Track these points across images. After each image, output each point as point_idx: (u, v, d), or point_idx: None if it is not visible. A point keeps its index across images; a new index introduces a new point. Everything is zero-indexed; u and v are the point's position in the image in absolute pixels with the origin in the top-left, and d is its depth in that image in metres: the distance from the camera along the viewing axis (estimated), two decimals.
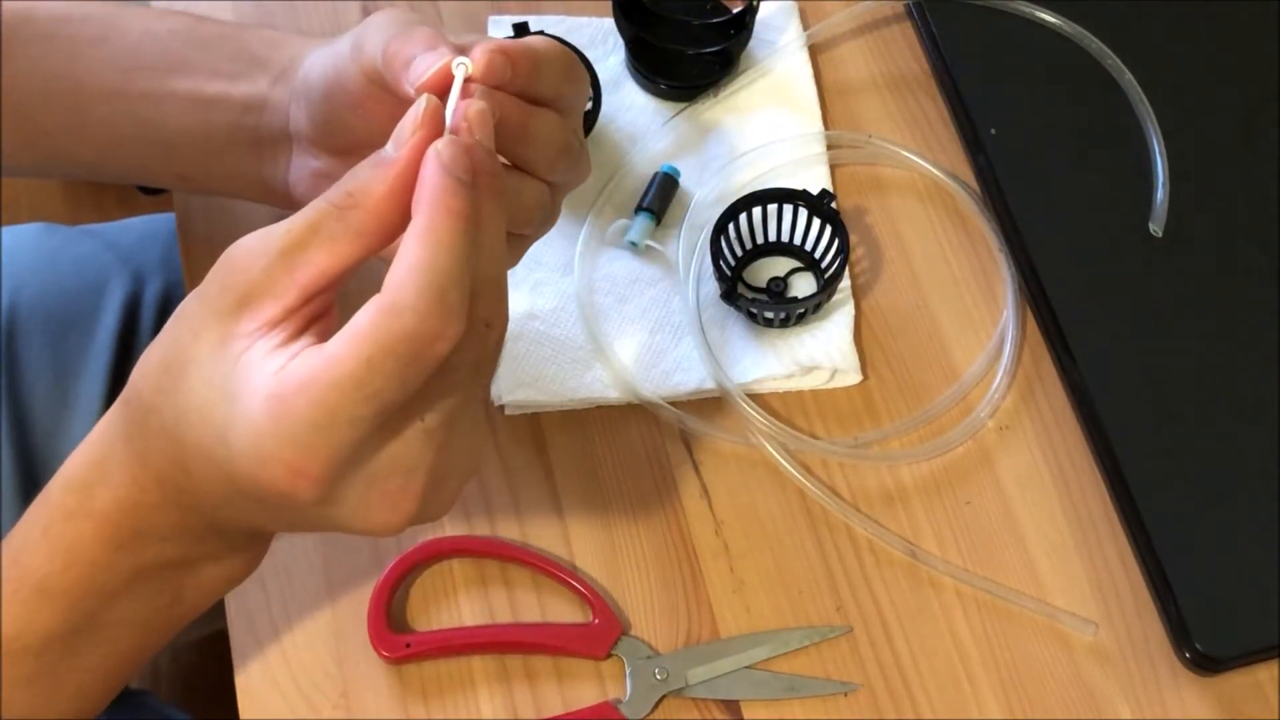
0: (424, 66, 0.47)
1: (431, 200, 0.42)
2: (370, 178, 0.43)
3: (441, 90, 0.46)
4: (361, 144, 0.55)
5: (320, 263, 0.43)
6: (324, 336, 0.43)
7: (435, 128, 0.44)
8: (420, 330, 0.41)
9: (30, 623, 0.47)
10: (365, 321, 0.41)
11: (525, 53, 0.48)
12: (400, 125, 0.44)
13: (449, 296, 0.41)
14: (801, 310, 0.65)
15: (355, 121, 0.55)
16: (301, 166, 0.58)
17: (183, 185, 0.67)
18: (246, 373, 0.42)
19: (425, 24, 0.51)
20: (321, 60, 0.55)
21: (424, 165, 0.42)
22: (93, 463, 0.47)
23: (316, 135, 0.57)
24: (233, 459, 0.42)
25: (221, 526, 0.47)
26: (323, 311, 0.44)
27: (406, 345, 0.41)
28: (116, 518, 0.46)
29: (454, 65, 0.46)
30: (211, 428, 0.43)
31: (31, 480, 0.73)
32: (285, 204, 0.61)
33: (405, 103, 0.47)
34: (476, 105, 0.45)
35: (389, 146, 0.44)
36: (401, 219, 0.43)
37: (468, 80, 0.46)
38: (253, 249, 0.43)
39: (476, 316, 0.43)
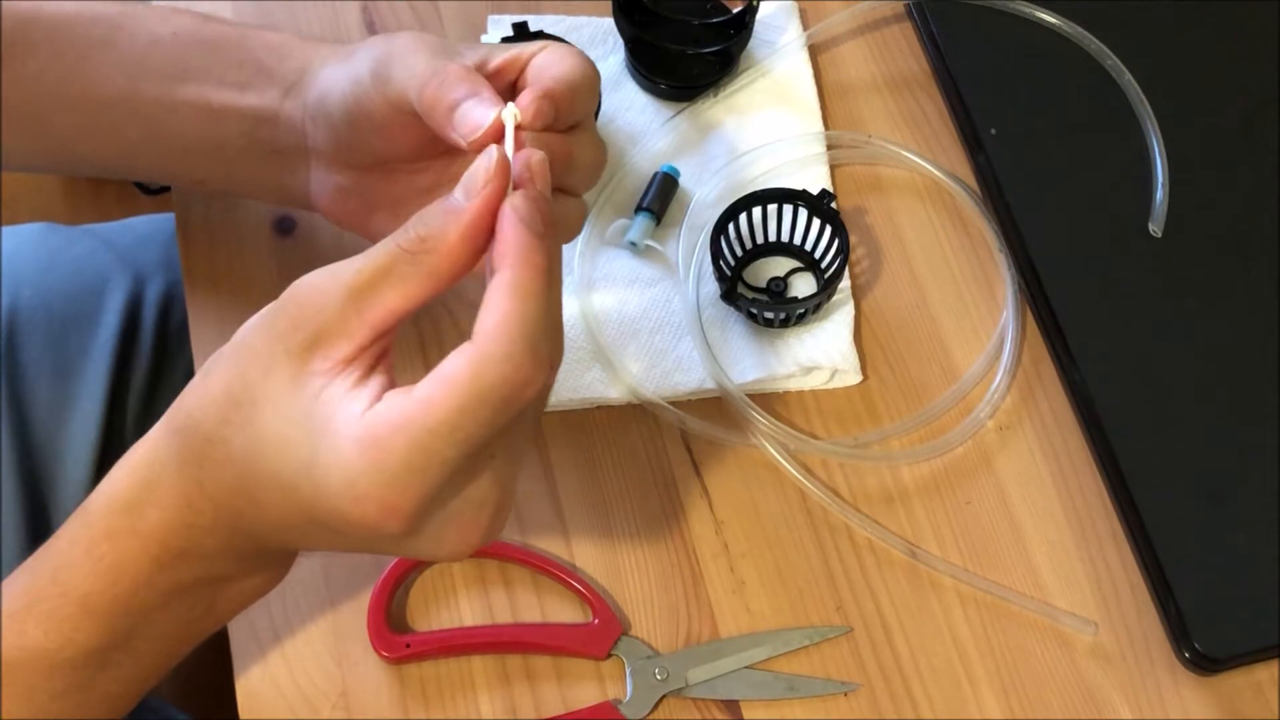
0: (474, 121, 0.49)
1: (517, 255, 0.44)
2: (443, 225, 0.45)
3: (494, 137, 0.49)
4: (385, 160, 0.57)
5: (391, 303, 0.45)
6: (390, 373, 0.45)
7: (505, 178, 0.45)
8: (514, 378, 0.43)
9: (71, 639, 0.48)
10: (461, 369, 0.43)
11: (566, 91, 0.51)
12: (471, 175, 0.45)
13: (539, 346, 0.43)
14: (801, 310, 0.65)
15: (380, 143, 0.56)
16: (323, 182, 0.59)
17: (200, 188, 0.68)
18: (329, 411, 0.44)
19: (450, 51, 0.52)
20: (339, 84, 0.56)
21: (503, 220, 0.45)
22: (140, 485, 0.47)
23: (338, 155, 0.58)
24: (319, 494, 0.44)
25: (268, 547, 0.49)
26: (387, 348, 0.46)
27: (500, 392, 0.43)
28: (164, 539, 0.47)
29: (504, 116, 0.48)
30: (291, 462, 0.44)
31: (32, 480, 0.73)
32: (305, 208, 0.61)
33: (433, 127, 0.50)
34: (537, 156, 0.47)
35: (459, 194, 0.45)
36: (470, 262, 0.45)
37: (517, 128, 0.49)
38: (322, 288, 0.45)
39: None
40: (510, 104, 0.49)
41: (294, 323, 0.45)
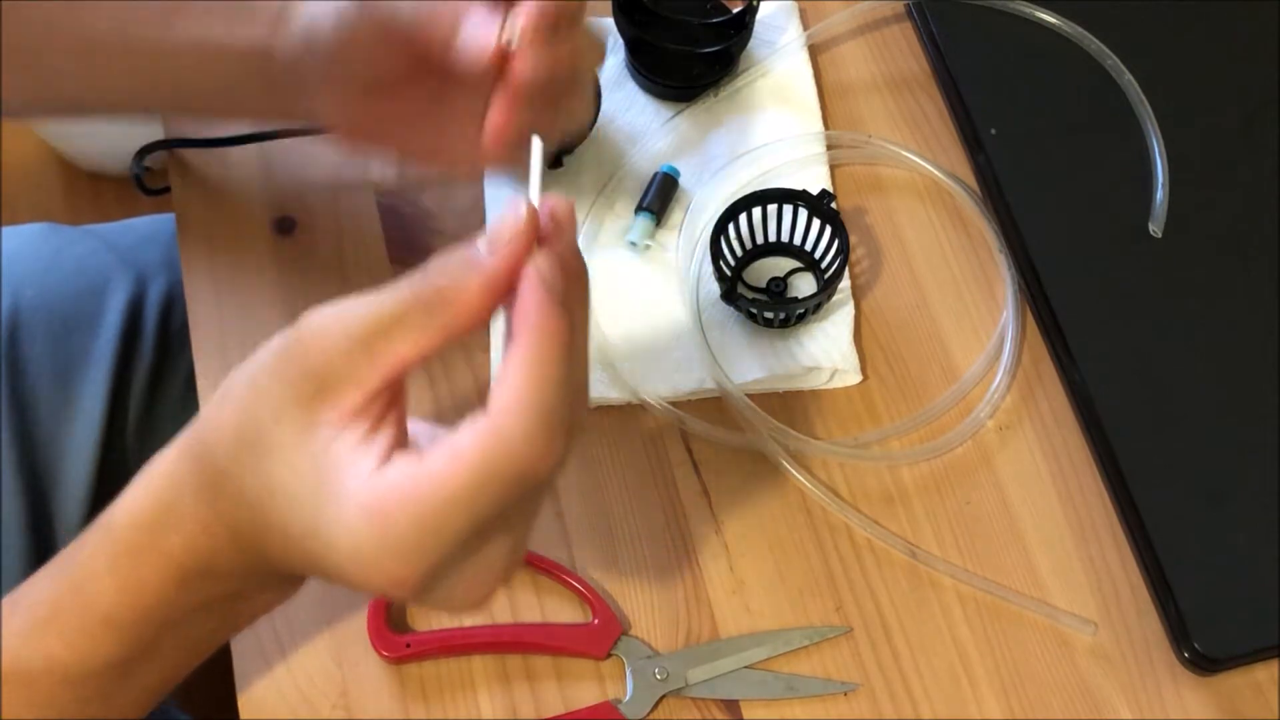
0: (477, 47, 0.48)
1: (536, 326, 0.42)
2: (463, 279, 0.43)
3: (499, 65, 0.47)
4: (383, 83, 0.55)
5: (403, 353, 0.43)
6: (400, 424, 0.44)
7: (532, 236, 0.44)
8: (529, 457, 0.42)
9: (94, 652, 0.48)
10: (473, 445, 0.41)
11: (560, 7, 0.49)
12: (497, 229, 0.44)
13: (554, 422, 0.42)
14: (801, 310, 0.65)
15: (373, 69, 0.55)
16: (328, 108, 0.58)
17: (215, 118, 0.67)
18: (335, 468, 0.43)
19: None
20: (325, 16, 0.54)
21: (525, 284, 0.43)
22: (161, 506, 0.47)
23: (335, 83, 0.56)
24: (325, 555, 0.43)
25: (282, 573, 0.48)
26: (396, 395, 0.45)
27: (514, 471, 0.42)
28: (184, 560, 0.47)
29: (534, 147, 0.46)
30: (300, 518, 0.44)
31: (34, 479, 0.73)
32: (319, 132, 0.60)
33: (434, 57, 0.49)
34: (564, 205, 0.45)
35: (482, 246, 0.44)
36: (487, 315, 0.44)
37: (514, 55, 0.47)
38: (331, 330, 0.43)
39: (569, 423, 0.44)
40: (536, 138, 0.47)
41: (302, 367, 0.43)
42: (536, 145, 0.47)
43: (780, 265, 0.69)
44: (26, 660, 0.48)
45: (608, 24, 0.73)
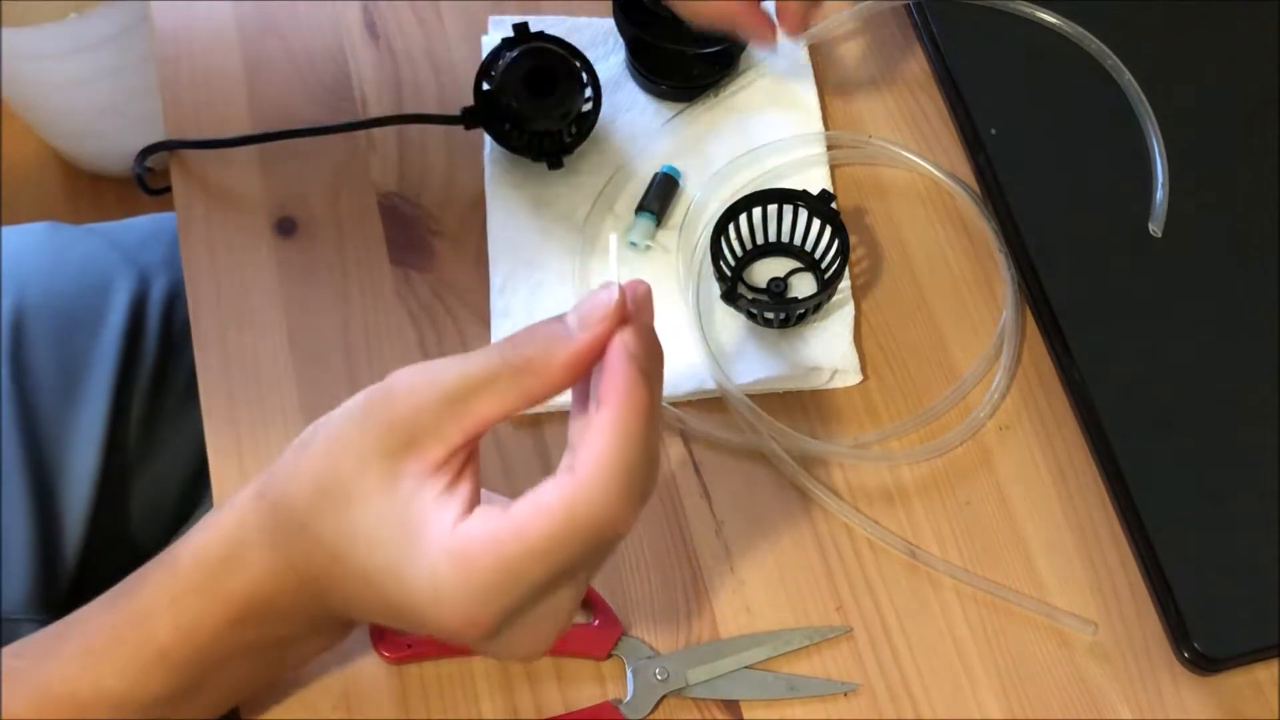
0: None
1: (624, 395, 0.45)
2: (551, 351, 0.46)
3: None
4: None
5: (487, 413, 0.46)
6: (476, 477, 0.47)
7: (621, 317, 0.46)
8: (608, 519, 0.45)
9: (146, 685, 0.49)
10: (557, 502, 0.44)
11: None
12: (588, 308, 0.47)
13: (636, 488, 0.45)
14: (801, 310, 0.65)
15: None
16: None
17: None
18: (420, 516, 0.45)
19: None
20: None
21: (613, 355, 0.46)
22: (227, 549, 0.49)
23: None
24: (404, 596, 0.46)
25: (341, 618, 0.50)
26: (473, 452, 0.47)
27: (593, 528, 0.45)
28: (246, 602, 0.49)
29: (610, 243, 0.50)
30: (380, 561, 0.46)
31: (39, 477, 0.73)
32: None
33: None
34: (643, 288, 0.48)
35: (572, 320, 0.47)
36: (569, 385, 0.47)
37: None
38: (420, 388, 0.46)
39: None
40: (614, 236, 0.50)
41: (390, 422, 0.46)
42: (614, 241, 0.50)
43: (780, 265, 0.69)
44: (77, 686, 0.49)
45: (608, 24, 0.73)
